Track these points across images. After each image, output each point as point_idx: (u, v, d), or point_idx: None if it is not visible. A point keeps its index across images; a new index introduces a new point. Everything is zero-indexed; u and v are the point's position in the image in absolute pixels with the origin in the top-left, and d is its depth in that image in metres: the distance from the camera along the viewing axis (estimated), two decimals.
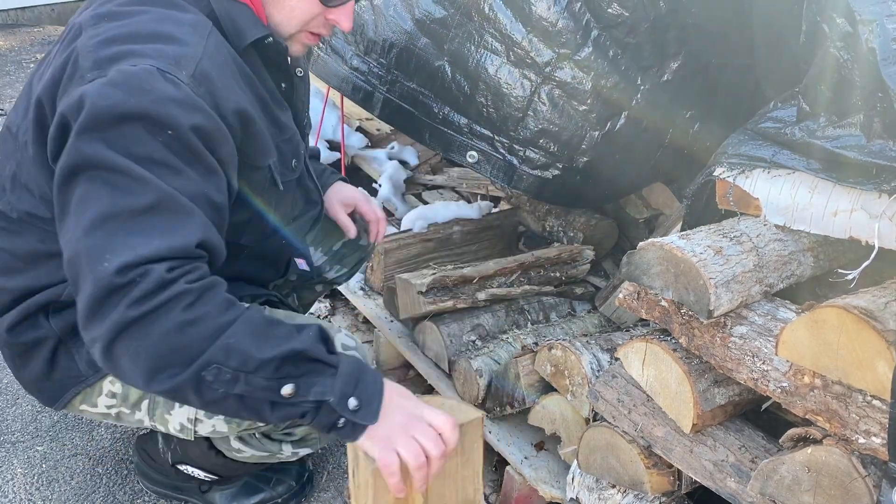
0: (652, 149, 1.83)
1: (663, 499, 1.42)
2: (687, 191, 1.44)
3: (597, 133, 1.74)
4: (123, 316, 0.97)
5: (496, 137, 1.78)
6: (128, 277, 0.97)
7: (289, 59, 1.33)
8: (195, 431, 1.40)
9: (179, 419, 1.38)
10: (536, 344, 1.79)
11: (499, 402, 1.75)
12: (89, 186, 1.03)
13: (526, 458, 1.71)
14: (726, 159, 1.32)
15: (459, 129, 1.79)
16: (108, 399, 1.39)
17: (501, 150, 1.79)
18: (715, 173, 1.33)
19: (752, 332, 1.20)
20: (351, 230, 1.69)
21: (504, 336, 1.90)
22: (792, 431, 1.16)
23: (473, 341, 1.88)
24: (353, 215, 1.73)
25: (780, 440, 1.19)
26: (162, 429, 1.42)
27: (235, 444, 1.51)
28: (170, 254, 1.00)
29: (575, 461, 1.54)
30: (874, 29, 1.11)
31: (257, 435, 1.48)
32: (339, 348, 1.38)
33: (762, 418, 1.41)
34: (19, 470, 1.79)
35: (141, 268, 0.98)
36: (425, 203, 2.69)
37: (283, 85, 1.36)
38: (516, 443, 1.74)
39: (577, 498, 1.54)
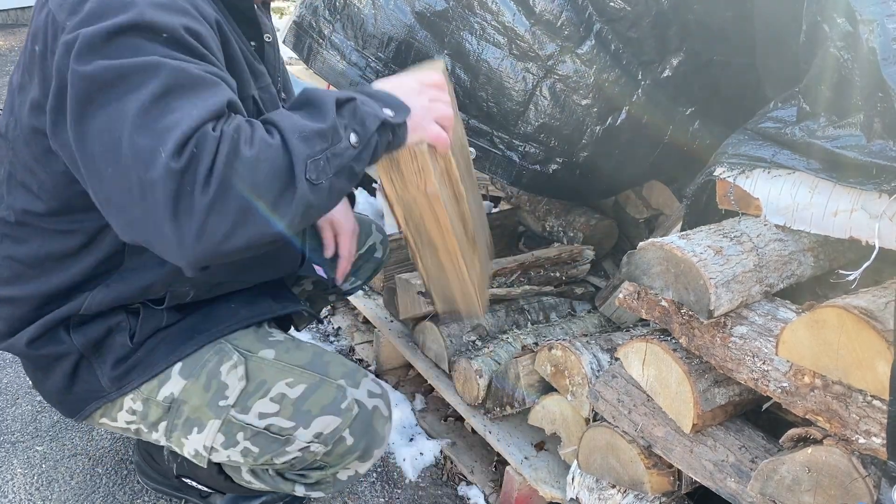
0: (652, 145, 1.83)
1: (663, 499, 1.42)
2: (687, 191, 1.44)
3: (598, 128, 1.74)
4: (206, 194, 0.91)
5: (495, 133, 1.78)
6: (185, 157, 0.91)
7: (259, 21, 1.31)
8: (209, 459, 1.35)
9: (195, 445, 1.33)
10: (536, 344, 1.79)
11: (499, 402, 1.75)
12: (107, 110, 0.95)
13: (526, 458, 1.70)
14: (726, 159, 1.32)
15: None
16: (127, 415, 1.36)
17: (500, 146, 1.79)
18: (715, 173, 1.33)
19: (753, 332, 1.20)
20: (329, 249, 1.62)
21: (504, 336, 1.90)
22: (792, 431, 1.16)
23: (473, 341, 1.88)
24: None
25: (781, 440, 1.19)
26: (177, 450, 1.38)
27: (247, 476, 1.46)
28: (209, 117, 0.95)
29: (575, 461, 1.54)
30: (874, 29, 1.11)
31: (271, 472, 1.43)
32: (365, 396, 1.36)
33: (762, 418, 1.41)
34: (19, 470, 1.79)
35: (191, 140, 0.92)
36: None
37: (252, 43, 1.32)
38: (516, 443, 1.74)
39: (577, 498, 1.54)
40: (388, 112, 1.08)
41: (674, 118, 1.81)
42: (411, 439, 1.96)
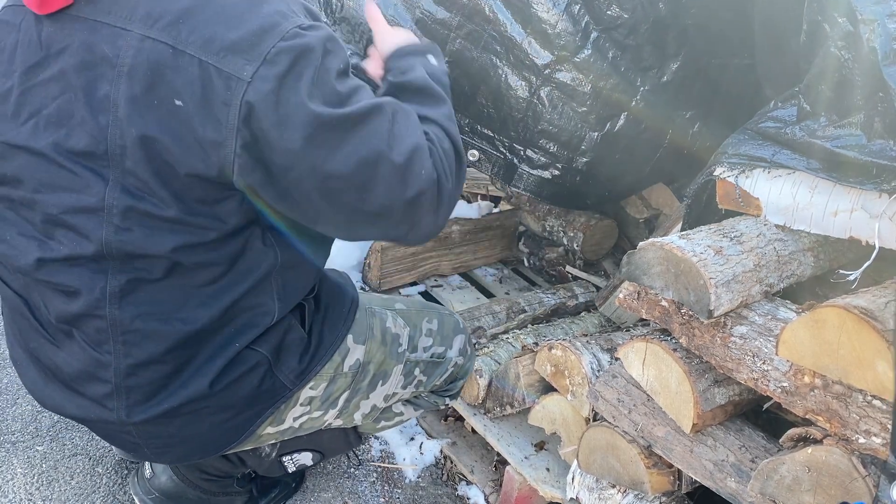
0: (652, 149, 1.83)
1: (663, 499, 1.42)
2: (687, 191, 1.44)
3: (596, 134, 1.74)
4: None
5: (497, 137, 1.78)
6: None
7: None
8: (385, 407, 1.52)
9: (374, 401, 1.47)
10: (536, 344, 1.79)
11: (499, 402, 1.75)
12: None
13: (526, 457, 1.71)
14: (726, 159, 1.32)
15: (460, 128, 1.79)
16: (300, 409, 1.34)
17: (502, 150, 1.79)
18: (715, 173, 1.33)
19: (753, 331, 1.20)
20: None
21: (504, 336, 1.90)
22: (792, 431, 1.16)
23: (474, 345, 1.88)
24: None
25: (781, 440, 1.19)
26: (341, 423, 1.45)
27: (398, 408, 1.59)
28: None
29: (575, 461, 1.54)
30: (875, 28, 1.11)
31: (425, 394, 1.61)
32: (461, 319, 1.65)
33: (762, 418, 1.41)
34: (19, 470, 1.79)
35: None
36: None
37: None
38: (516, 443, 1.74)
39: (577, 498, 1.54)
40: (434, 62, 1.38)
41: (673, 122, 1.81)
42: (411, 439, 1.96)
